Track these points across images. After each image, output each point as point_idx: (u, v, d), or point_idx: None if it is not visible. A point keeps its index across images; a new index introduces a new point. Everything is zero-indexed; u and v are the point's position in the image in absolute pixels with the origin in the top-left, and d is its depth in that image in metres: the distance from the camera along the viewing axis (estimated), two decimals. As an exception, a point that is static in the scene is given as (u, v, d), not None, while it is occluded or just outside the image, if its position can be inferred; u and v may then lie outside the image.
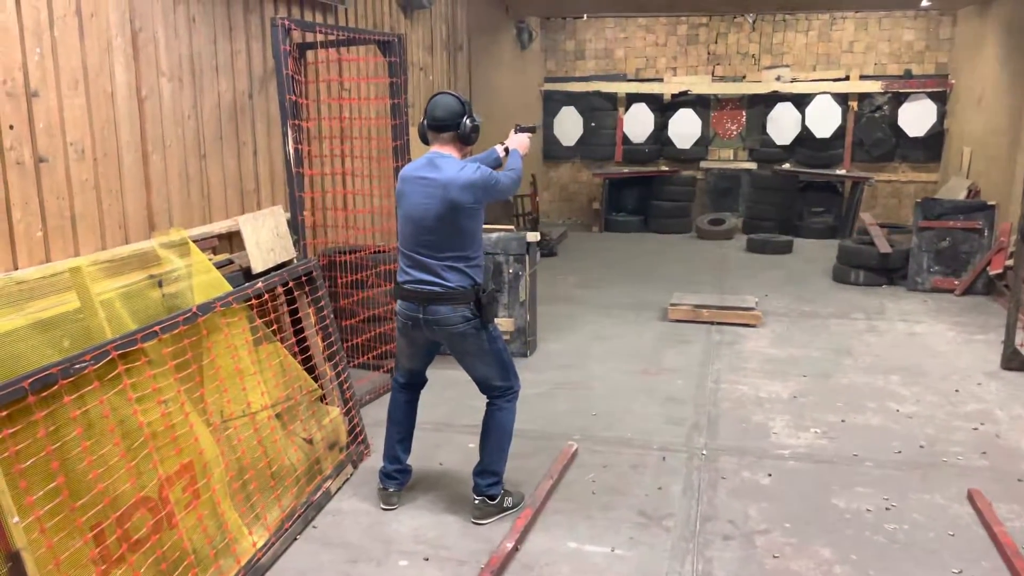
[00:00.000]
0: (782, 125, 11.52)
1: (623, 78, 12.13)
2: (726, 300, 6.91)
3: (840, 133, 11.34)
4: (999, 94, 8.82)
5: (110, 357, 2.63)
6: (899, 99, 11.12)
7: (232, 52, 4.63)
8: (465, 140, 3.38)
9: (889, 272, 8.05)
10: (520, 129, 3.80)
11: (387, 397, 4.94)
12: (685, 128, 11.90)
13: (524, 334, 5.75)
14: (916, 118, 11.05)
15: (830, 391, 5.08)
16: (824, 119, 11.33)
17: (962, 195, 9.13)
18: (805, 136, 11.42)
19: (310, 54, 5.15)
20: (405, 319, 3.41)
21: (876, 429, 4.49)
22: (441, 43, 8.16)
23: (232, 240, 4.59)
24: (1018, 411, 4.75)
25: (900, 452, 4.20)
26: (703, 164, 12.00)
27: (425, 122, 3.39)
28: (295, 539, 3.36)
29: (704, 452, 4.20)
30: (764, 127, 11.65)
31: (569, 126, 12.35)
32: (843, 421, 4.60)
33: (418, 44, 7.54)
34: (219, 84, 4.52)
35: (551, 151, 12.48)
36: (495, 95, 9.96)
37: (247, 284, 3.49)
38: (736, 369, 5.50)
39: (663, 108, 11.99)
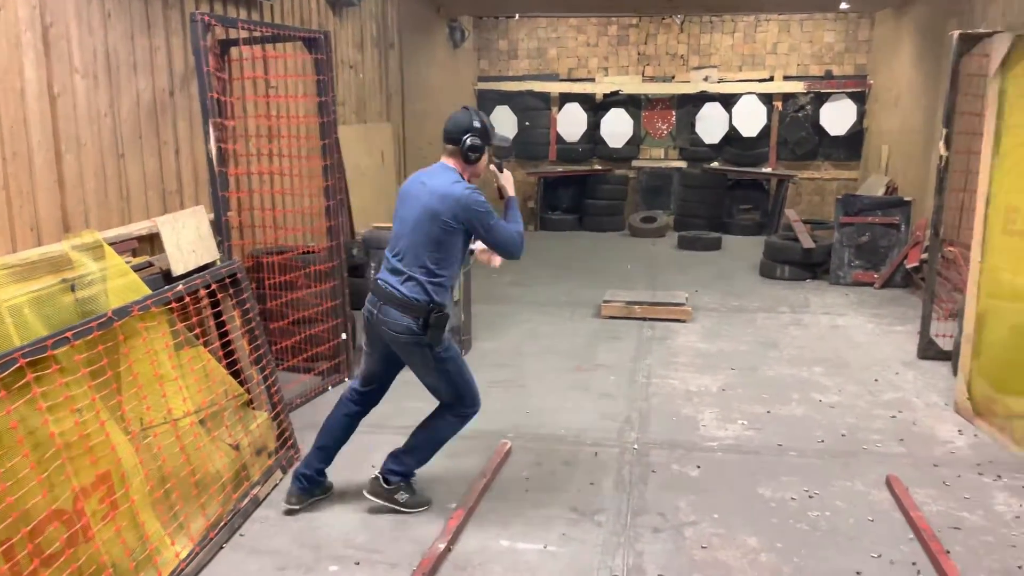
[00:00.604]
0: (710, 124, 11.76)
1: (556, 78, 12.21)
2: (657, 296, 7.02)
3: (765, 132, 11.65)
4: (914, 94, 9.18)
5: (18, 365, 2.52)
6: (821, 99, 11.47)
7: (151, 48, 4.49)
8: (464, 157, 3.40)
9: (813, 267, 8.31)
10: (499, 165, 3.62)
11: (318, 400, 4.91)
12: (617, 127, 12.05)
13: (458, 333, 5.73)
14: (837, 117, 11.42)
15: (757, 383, 5.21)
16: (750, 119, 11.61)
17: (881, 192, 9.47)
18: (732, 135, 11.69)
19: (234, 51, 5.02)
20: (366, 311, 3.45)
21: (800, 419, 4.62)
22: (372, 41, 8.07)
23: (153, 242, 4.45)
24: (933, 399, 4.94)
25: (823, 441, 4.32)
26: (635, 163, 12.18)
27: None
28: (221, 548, 3.27)
29: (635, 447, 4.25)
30: (693, 126, 11.88)
31: (503, 125, 12.36)
32: (769, 412, 4.72)
33: (348, 42, 7.45)
34: (137, 81, 4.38)
35: (485, 150, 12.45)
36: (428, 94, 9.90)
37: (167, 287, 3.39)
38: (667, 364, 5.59)
39: (595, 108, 12.12)
